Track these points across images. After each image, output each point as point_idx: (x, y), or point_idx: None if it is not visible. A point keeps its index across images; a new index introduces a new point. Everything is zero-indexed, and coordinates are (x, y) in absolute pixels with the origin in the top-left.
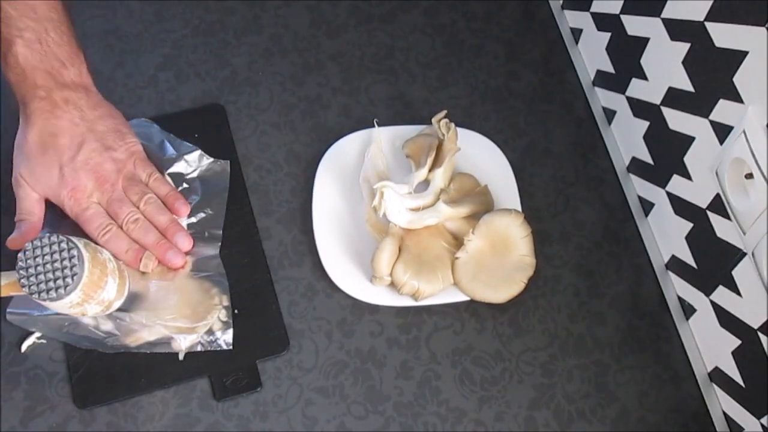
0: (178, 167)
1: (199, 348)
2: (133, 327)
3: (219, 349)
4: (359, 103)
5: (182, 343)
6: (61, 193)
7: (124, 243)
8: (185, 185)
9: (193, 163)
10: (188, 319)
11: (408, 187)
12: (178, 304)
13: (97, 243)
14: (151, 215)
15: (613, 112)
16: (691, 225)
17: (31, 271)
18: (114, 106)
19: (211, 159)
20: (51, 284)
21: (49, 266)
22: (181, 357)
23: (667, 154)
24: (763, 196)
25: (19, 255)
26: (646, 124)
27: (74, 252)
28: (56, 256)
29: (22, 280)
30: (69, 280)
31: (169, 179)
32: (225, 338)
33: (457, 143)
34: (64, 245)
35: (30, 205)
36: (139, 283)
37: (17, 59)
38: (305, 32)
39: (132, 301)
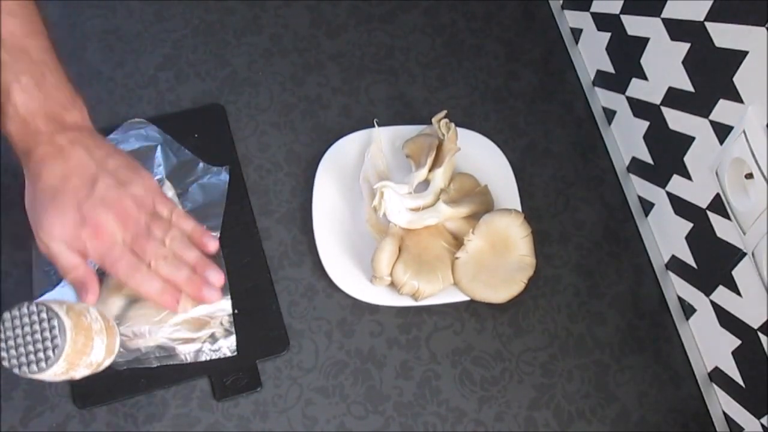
0: (176, 173)
1: (203, 358)
2: (135, 341)
3: (223, 357)
4: (359, 103)
5: (185, 353)
6: (81, 235)
7: (156, 283)
8: (183, 189)
9: (192, 170)
10: (190, 325)
11: (408, 187)
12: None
13: (122, 283)
14: (178, 251)
15: (613, 112)
16: (691, 225)
17: (11, 343)
18: (114, 112)
19: (211, 167)
20: (32, 357)
21: (29, 338)
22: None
23: (667, 154)
24: (763, 196)
25: None
26: (646, 124)
27: (54, 322)
28: (36, 327)
29: (2, 353)
30: (50, 353)
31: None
32: (228, 345)
33: (457, 143)
34: (44, 315)
35: (69, 259)
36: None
37: (17, 108)
38: (305, 32)
39: (132, 307)
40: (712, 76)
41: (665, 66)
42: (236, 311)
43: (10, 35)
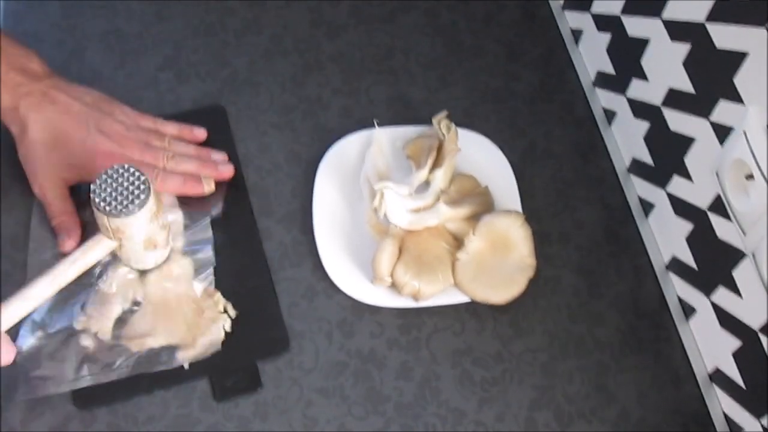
0: None
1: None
2: (136, 343)
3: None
4: (359, 104)
5: (184, 358)
6: (96, 166)
7: (178, 178)
8: None
9: None
10: (192, 328)
11: (408, 188)
12: (182, 312)
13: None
14: (179, 150)
15: (614, 113)
16: (691, 226)
17: (108, 191)
18: None
19: None
20: (129, 197)
21: (120, 188)
22: (186, 366)
23: (668, 155)
24: (763, 197)
25: (92, 187)
26: (647, 124)
27: (140, 175)
28: (123, 180)
29: (101, 204)
30: (142, 195)
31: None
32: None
33: (458, 144)
34: (132, 170)
35: (60, 206)
36: (141, 290)
37: None
38: (305, 33)
39: (132, 310)
40: (713, 76)
41: (666, 67)
42: (237, 312)
43: None
